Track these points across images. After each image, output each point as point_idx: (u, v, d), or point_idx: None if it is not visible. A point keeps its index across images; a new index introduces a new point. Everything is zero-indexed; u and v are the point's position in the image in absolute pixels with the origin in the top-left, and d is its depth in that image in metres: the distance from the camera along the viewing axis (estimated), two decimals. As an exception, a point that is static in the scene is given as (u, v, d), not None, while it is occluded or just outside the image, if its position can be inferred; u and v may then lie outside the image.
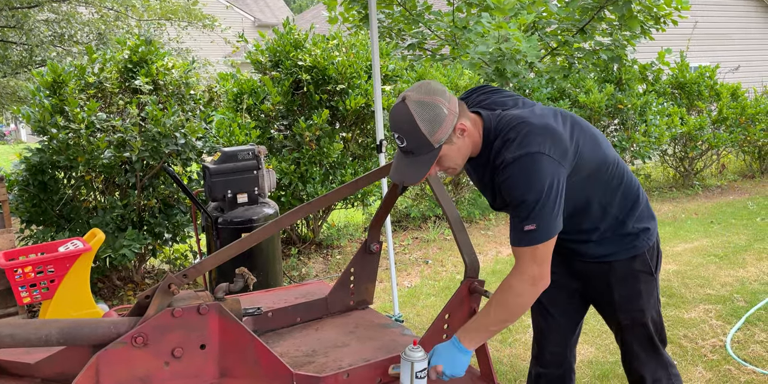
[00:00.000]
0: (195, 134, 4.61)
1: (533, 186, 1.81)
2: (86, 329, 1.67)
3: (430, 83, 1.88)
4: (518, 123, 1.89)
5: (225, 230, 3.85)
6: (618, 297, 2.19)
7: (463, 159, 1.96)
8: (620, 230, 2.09)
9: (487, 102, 2.05)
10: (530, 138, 1.85)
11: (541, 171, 1.82)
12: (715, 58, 12.84)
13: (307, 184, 5.53)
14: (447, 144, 1.87)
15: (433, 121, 1.81)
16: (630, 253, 2.12)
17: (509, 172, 1.85)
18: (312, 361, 2.03)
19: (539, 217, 1.82)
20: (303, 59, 5.55)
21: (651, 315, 2.21)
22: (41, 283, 3.56)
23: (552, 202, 1.83)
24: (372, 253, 2.45)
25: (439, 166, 1.93)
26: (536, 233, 1.84)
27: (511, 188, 1.86)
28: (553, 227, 1.85)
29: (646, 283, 2.16)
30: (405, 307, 4.69)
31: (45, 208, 4.55)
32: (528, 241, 1.85)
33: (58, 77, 4.41)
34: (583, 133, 1.99)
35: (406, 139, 1.85)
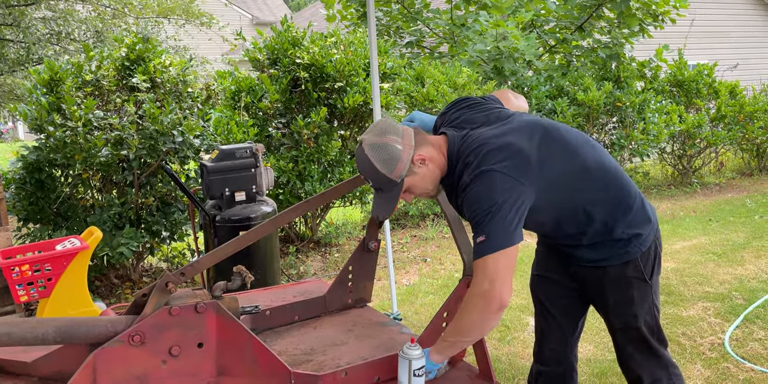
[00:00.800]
0: (193, 132, 4.60)
1: (484, 198, 1.85)
2: (83, 328, 1.66)
3: (383, 122, 1.99)
4: (478, 146, 1.94)
5: (223, 228, 3.84)
6: (611, 301, 2.19)
7: (433, 183, 2.03)
8: (609, 236, 2.08)
9: (459, 121, 2.10)
10: (486, 157, 1.90)
11: (493, 186, 1.85)
12: (713, 55, 12.85)
13: (305, 182, 5.52)
14: (410, 176, 1.97)
15: (389, 161, 1.93)
16: (622, 258, 2.11)
17: (466, 192, 1.91)
18: (310, 359, 2.02)
19: (489, 227, 1.83)
20: (301, 57, 5.54)
21: (644, 319, 2.19)
22: (38, 281, 3.55)
23: (504, 214, 1.83)
24: (370, 251, 2.44)
25: (412, 194, 2.03)
26: (485, 243, 1.83)
27: (468, 204, 1.91)
28: (504, 238, 1.83)
29: (639, 289, 2.14)
30: (403, 305, 4.68)
31: (42, 207, 4.54)
32: (480, 252, 1.85)
33: (55, 75, 4.39)
34: (552, 145, 1.99)
35: (370, 180, 1.99)
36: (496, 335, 4.06)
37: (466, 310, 1.89)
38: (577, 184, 2.01)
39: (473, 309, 1.87)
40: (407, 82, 6.80)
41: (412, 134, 1.99)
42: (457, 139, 2.02)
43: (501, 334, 4.08)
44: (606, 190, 2.06)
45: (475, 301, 1.86)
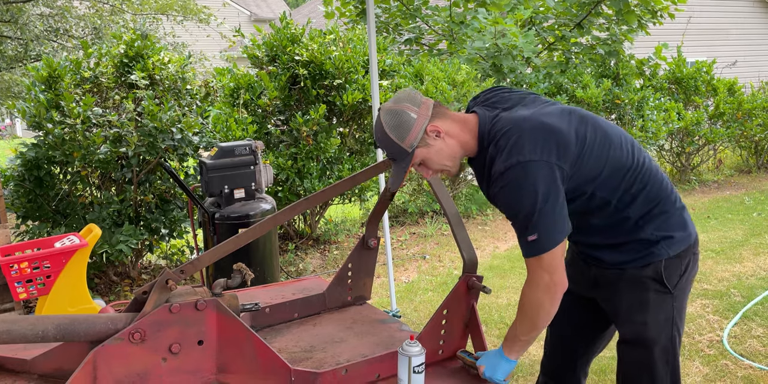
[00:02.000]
0: (191, 129, 4.60)
1: (526, 196, 1.77)
2: (83, 325, 1.66)
3: (404, 91, 1.93)
4: (509, 128, 1.85)
5: (222, 226, 3.84)
6: (624, 306, 2.05)
7: (452, 160, 1.95)
8: (637, 235, 1.96)
9: (492, 101, 2.02)
10: (520, 144, 1.80)
11: (532, 180, 1.77)
12: (712, 53, 12.85)
13: (305, 180, 5.51)
14: (422, 147, 1.89)
15: (400, 127, 1.86)
16: (645, 260, 1.98)
17: (500, 183, 1.82)
18: (310, 356, 2.02)
19: (539, 226, 1.78)
20: (300, 54, 5.53)
21: (658, 335, 2.00)
22: (37, 278, 3.55)
23: (550, 209, 1.78)
24: (370, 248, 2.44)
25: (429, 169, 1.96)
26: (539, 243, 1.79)
27: (504, 201, 1.84)
28: (556, 233, 1.80)
29: (656, 295, 1.99)
30: (402, 302, 4.69)
31: (41, 204, 4.54)
32: (534, 251, 1.81)
33: (53, 72, 4.38)
34: (591, 134, 1.90)
35: (384, 148, 1.92)
36: (495, 332, 4.07)
37: (534, 306, 1.86)
38: (614, 177, 1.92)
39: (541, 302, 1.85)
40: (406, 79, 6.79)
41: (431, 106, 1.91)
42: (487, 119, 1.93)
43: (500, 331, 4.08)
44: (641, 189, 1.95)
45: (539, 295, 1.85)
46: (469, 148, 1.95)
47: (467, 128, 1.94)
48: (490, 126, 1.91)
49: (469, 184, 7.66)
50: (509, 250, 6.05)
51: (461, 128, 1.93)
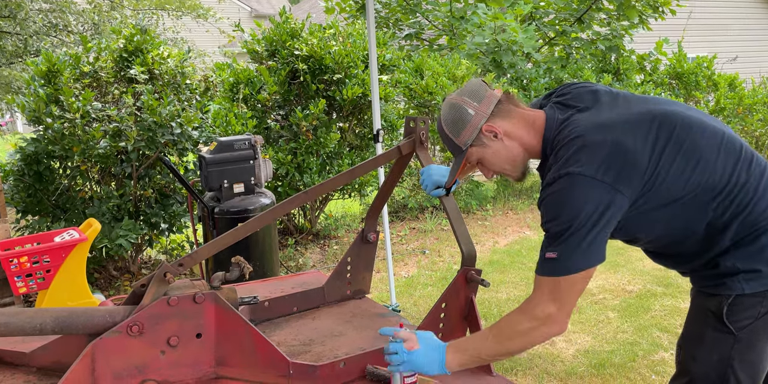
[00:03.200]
0: (191, 124, 4.59)
1: (566, 210, 1.58)
2: (81, 318, 1.66)
3: (471, 82, 1.80)
4: (575, 137, 1.64)
5: (221, 220, 3.84)
6: (684, 331, 1.85)
7: (511, 163, 1.80)
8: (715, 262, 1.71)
9: (567, 97, 1.81)
10: (578, 156, 1.60)
11: (579, 194, 1.57)
12: (713, 48, 12.82)
13: (304, 175, 5.51)
14: (477, 146, 1.77)
15: (456, 123, 1.76)
16: (715, 289, 1.72)
17: (546, 192, 1.65)
18: (308, 350, 2.02)
19: (563, 245, 1.58)
20: (300, 49, 5.52)
21: (704, 373, 1.74)
22: (37, 273, 3.55)
23: (585, 232, 1.56)
24: (369, 242, 2.44)
25: (489, 170, 1.84)
26: (556, 263, 1.59)
27: (544, 211, 1.66)
28: (579, 261, 1.58)
29: (713, 332, 1.72)
30: (402, 297, 4.69)
31: (40, 198, 4.54)
32: (546, 270, 1.62)
33: (52, 66, 4.37)
34: (681, 146, 1.63)
35: (442, 140, 1.84)
36: (494, 327, 4.07)
37: (516, 331, 1.64)
38: (699, 202, 1.65)
39: (528, 332, 1.63)
40: (406, 74, 6.79)
41: (494, 101, 1.75)
42: (555, 122, 1.73)
43: (499, 326, 4.08)
44: (741, 210, 1.65)
45: (531, 324, 1.62)
46: (533, 152, 1.78)
47: (533, 129, 1.76)
48: (556, 132, 1.72)
49: (469, 179, 7.65)
50: (509, 245, 6.05)
51: (527, 130, 1.76)
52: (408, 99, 6.93)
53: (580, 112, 1.73)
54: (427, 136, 2.21)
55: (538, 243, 6.04)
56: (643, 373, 3.42)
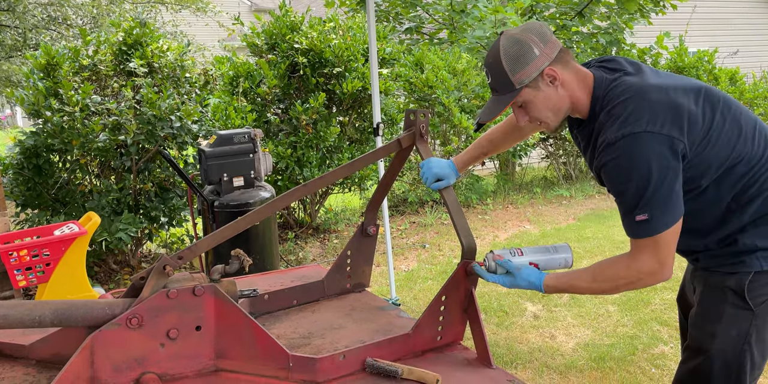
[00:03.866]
0: (191, 117, 4.58)
1: (639, 171, 1.60)
2: (80, 310, 1.65)
3: (533, 22, 1.77)
4: (629, 97, 1.67)
5: (221, 214, 3.84)
6: (698, 311, 1.88)
7: (555, 113, 1.79)
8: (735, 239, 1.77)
9: (611, 64, 1.84)
10: (638, 114, 1.63)
11: (647, 153, 1.59)
12: (713, 42, 12.79)
13: (304, 168, 5.51)
14: (531, 88, 1.74)
15: (518, 60, 1.71)
16: (733, 268, 1.78)
17: (610, 154, 1.65)
18: (308, 343, 2.02)
19: (651, 205, 1.61)
20: (299, 42, 5.50)
21: (722, 349, 1.78)
22: (37, 266, 3.55)
23: (666, 187, 1.60)
24: (369, 235, 2.43)
25: (527, 115, 1.81)
26: (650, 224, 1.63)
27: (614, 174, 1.66)
28: (669, 214, 1.63)
29: (733, 309, 1.77)
30: (402, 290, 4.69)
31: (40, 192, 4.53)
32: (642, 232, 1.65)
33: (51, 59, 4.36)
34: (724, 116, 1.70)
35: (490, 75, 1.77)
36: (494, 320, 4.07)
37: (622, 282, 1.71)
38: (736, 172, 1.72)
39: (634, 282, 1.70)
40: (406, 67, 6.77)
41: (558, 48, 1.73)
42: (605, 81, 1.74)
43: (499, 319, 4.09)
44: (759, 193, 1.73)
45: (640, 276, 1.68)
46: (579, 107, 1.79)
47: (584, 85, 1.77)
48: (606, 91, 1.74)
49: (469, 173, 7.65)
50: (509, 239, 6.05)
51: (578, 83, 1.77)
52: (408, 93, 6.91)
53: (627, 76, 1.75)
54: (427, 129, 2.20)
55: (538, 237, 6.04)
56: (643, 366, 3.42)
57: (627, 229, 1.70)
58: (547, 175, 8.97)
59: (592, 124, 1.78)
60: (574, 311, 4.19)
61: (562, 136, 8.01)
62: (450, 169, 2.16)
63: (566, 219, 6.87)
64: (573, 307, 4.26)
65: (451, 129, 6.95)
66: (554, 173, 8.81)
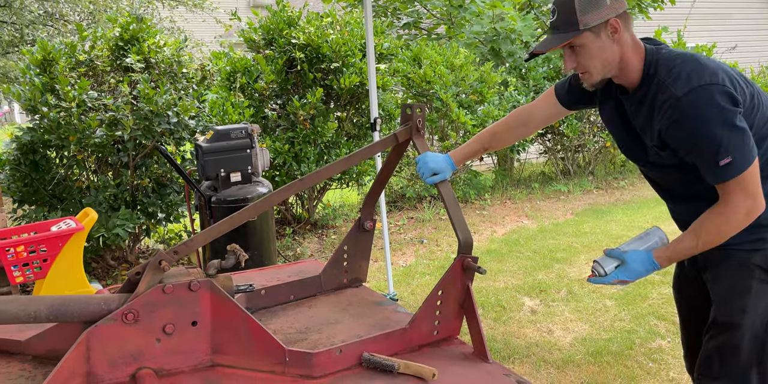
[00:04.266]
0: (188, 113, 4.57)
1: (714, 118, 1.71)
2: (76, 306, 1.65)
3: None
4: (685, 59, 1.80)
5: (218, 209, 3.83)
6: (724, 288, 1.95)
7: (603, 66, 1.87)
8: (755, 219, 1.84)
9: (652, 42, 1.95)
10: (699, 71, 1.75)
11: (717, 101, 1.71)
12: (712, 37, 12.76)
13: (302, 164, 5.50)
14: (592, 33, 1.82)
15: (590, 2, 1.80)
16: (755, 245, 1.88)
17: (681, 109, 1.74)
18: (305, 338, 2.02)
19: (731, 147, 1.71)
20: (297, 37, 5.49)
21: (753, 322, 1.88)
22: (34, 262, 3.54)
23: (738, 128, 1.71)
24: (366, 230, 2.43)
25: (576, 60, 1.88)
26: (734, 165, 1.72)
27: (688, 127, 1.75)
28: (749, 152, 1.73)
29: (760, 284, 1.88)
30: (400, 285, 4.69)
31: (37, 188, 4.52)
32: (729, 174, 1.74)
33: (48, 55, 4.35)
34: (762, 96, 1.86)
35: (557, 12, 1.84)
36: (492, 315, 4.07)
37: (728, 230, 1.80)
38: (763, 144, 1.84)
39: (738, 225, 1.79)
40: (404, 63, 6.76)
41: (624, 7, 1.84)
42: (654, 50, 1.87)
43: (497, 314, 4.09)
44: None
45: (738, 216, 1.77)
46: (629, 70, 1.88)
47: (637, 52, 1.88)
48: (657, 56, 1.85)
49: (467, 168, 7.64)
50: (507, 235, 6.05)
51: (633, 47, 1.87)
52: (406, 88, 6.90)
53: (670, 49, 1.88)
54: (424, 124, 2.19)
55: (536, 232, 6.04)
56: (640, 360, 3.43)
57: (713, 177, 1.78)
58: (545, 170, 8.97)
59: (645, 87, 1.86)
60: (571, 306, 4.20)
61: (560, 131, 8.01)
62: (446, 163, 2.16)
63: (564, 214, 6.87)
64: (570, 302, 4.26)
65: (449, 124, 6.94)
66: (552, 168, 8.81)
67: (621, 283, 1.97)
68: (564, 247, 5.51)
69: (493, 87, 7.20)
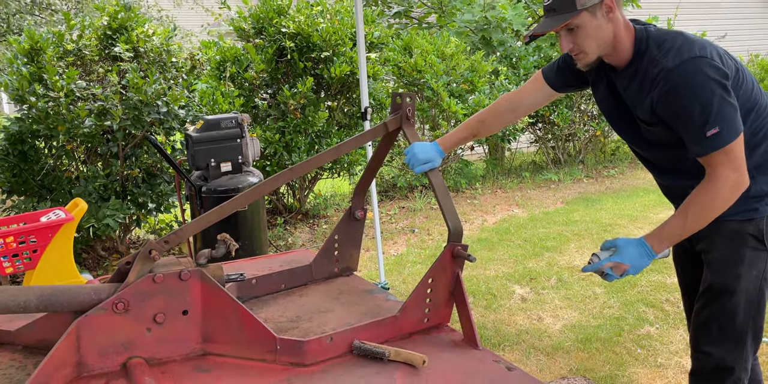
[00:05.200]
0: (177, 103, 4.55)
1: (704, 89, 1.76)
2: (65, 295, 1.65)
3: None
4: (675, 35, 1.86)
5: (209, 199, 3.83)
6: (718, 256, 2.04)
7: (599, 45, 1.91)
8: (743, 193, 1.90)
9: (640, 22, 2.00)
10: (690, 45, 1.81)
11: (707, 72, 1.76)
12: (702, 26, 12.78)
13: (292, 154, 5.49)
14: (589, 13, 1.85)
15: None
16: (747, 215, 1.97)
17: (672, 80, 1.80)
18: (296, 326, 2.03)
19: (719, 118, 1.76)
20: (287, 26, 5.46)
21: (746, 288, 1.99)
22: (23, 253, 3.53)
23: (726, 101, 1.77)
24: (356, 219, 2.43)
25: (573, 41, 1.92)
26: (722, 135, 1.77)
27: (678, 97, 1.80)
28: (735, 124, 1.78)
29: (752, 251, 1.98)
30: (391, 274, 4.71)
31: (26, 178, 4.49)
32: (716, 145, 1.78)
33: (35, 44, 4.30)
34: (746, 71, 1.93)
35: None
36: (482, 303, 4.10)
37: (716, 206, 1.83)
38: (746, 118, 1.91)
39: (726, 198, 1.82)
40: (395, 52, 6.74)
41: None
42: (644, 29, 1.92)
43: (487, 302, 4.11)
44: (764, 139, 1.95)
45: (726, 194, 1.81)
46: (620, 48, 1.93)
47: (628, 30, 1.93)
48: (647, 34, 1.90)
49: (459, 157, 7.65)
50: (497, 224, 6.07)
51: (624, 26, 1.92)
52: (397, 77, 6.89)
53: None
54: (414, 112, 2.19)
55: (526, 221, 6.07)
56: (629, 347, 3.46)
57: (700, 148, 1.82)
58: (535, 159, 8.99)
59: (637, 63, 1.91)
60: (561, 294, 4.23)
61: (551, 120, 8.02)
62: (435, 152, 2.16)
63: (554, 203, 6.90)
64: (560, 290, 4.29)
65: (440, 114, 6.94)
66: (543, 158, 8.83)
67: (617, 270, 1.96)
68: (554, 236, 5.54)
69: (484, 76, 7.20)
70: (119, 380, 1.64)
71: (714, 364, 2.05)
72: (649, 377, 3.16)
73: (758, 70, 9.34)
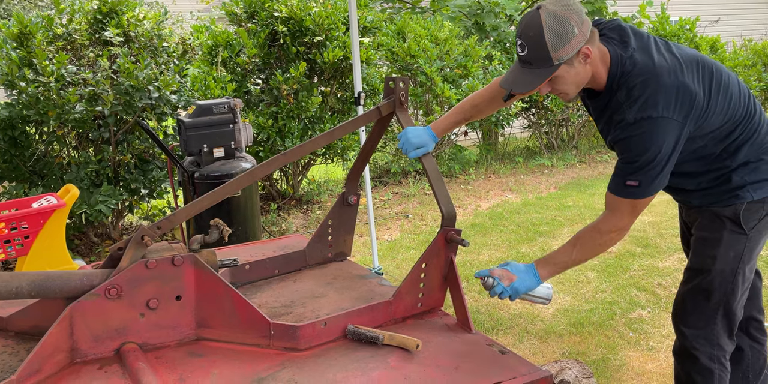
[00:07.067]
0: (169, 88, 4.51)
1: (649, 149, 1.84)
2: (58, 281, 1.64)
3: (572, 0, 1.84)
4: (646, 78, 1.86)
5: (202, 185, 3.81)
6: (698, 237, 2.16)
7: (578, 87, 1.94)
8: (727, 179, 2.06)
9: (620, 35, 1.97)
10: (655, 99, 1.83)
11: (660, 135, 1.84)
12: (695, 10, 12.74)
13: (286, 139, 5.47)
14: (566, 65, 1.85)
15: (561, 37, 1.79)
16: (729, 202, 2.07)
17: (627, 132, 1.87)
18: (290, 311, 2.03)
19: (645, 176, 1.88)
20: (279, 10, 5.41)
21: (722, 269, 2.09)
22: (15, 239, 3.51)
23: (662, 164, 1.87)
24: (350, 205, 2.43)
25: (552, 86, 1.93)
26: (637, 189, 1.90)
27: (626, 148, 1.89)
28: (655, 186, 1.90)
29: (730, 234, 2.08)
30: (385, 260, 4.72)
31: (17, 164, 4.46)
32: (627, 194, 1.92)
33: (24, 29, 4.25)
34: (719, 86, 1.95)
35: (527, 48, 1.83)
36: (476, 287, 4.11)
37: (600, 244, 2.00)
38: (727, 129, 2.00)
39: (609, 241, 1.99)
40: (388, 37, 6.70)
41: (590, 27, 1.85)
42: (620, 59, 1.91)
43: (481, 288, 4.13)
44: (750, 136, 2.04)
45: (610, 236, 1.97)
46: (597, 81, 1.95)
47: (603, 62, 1.93)
48: (621, 68, 1.90)
49: (452, 143, 7.64)
50: (491, 209, 6.08)
51: (600, 59, 1.92)
52: (390, 62, 6.85)
53: (639, 52, 1.91)
54: (407, 97, 2.18)
55: (520, 206, 6.08)
56: (621, 330, 3.49)
57: (614, 188, 1.95)
58: (529, 144, 8.99)
59: (607, 98, 1.96)
60: (554, 278, 4.24)
61: (545, 105, 8.01)
62: (427, 136, 2.16)
63: (548, 188, 6.91)
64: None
65: (434, 99, 6.92)
66: (536, 143, 8.83)
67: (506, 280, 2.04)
68: (547, 221, 5.56)
69: (478, 61, 7.17)
70: (113, 365, 1.64)
71: (688, 343, 2.18)
72: (641, 360, 3.18)
73: (751, 55, 9.31)
